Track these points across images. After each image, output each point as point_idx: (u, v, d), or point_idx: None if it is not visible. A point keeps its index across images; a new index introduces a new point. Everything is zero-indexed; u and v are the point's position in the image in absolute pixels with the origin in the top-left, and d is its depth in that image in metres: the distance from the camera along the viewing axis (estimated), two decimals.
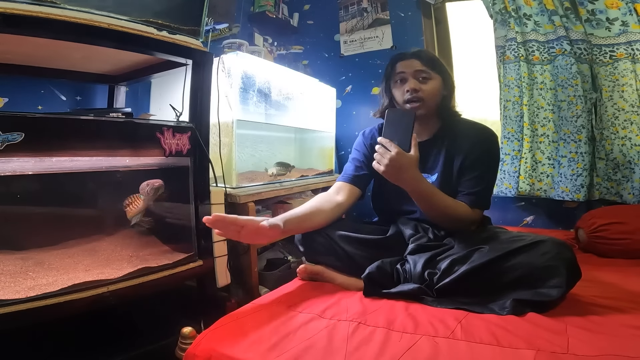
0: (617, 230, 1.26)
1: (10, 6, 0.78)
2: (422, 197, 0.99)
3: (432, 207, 1.00)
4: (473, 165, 1.05)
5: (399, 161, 0.93)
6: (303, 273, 1.10)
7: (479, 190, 1.04)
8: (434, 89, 1.08)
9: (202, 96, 1.15)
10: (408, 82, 1.08)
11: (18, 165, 0.84)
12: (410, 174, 0.95)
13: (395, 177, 0.96)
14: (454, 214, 1.01)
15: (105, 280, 0.94)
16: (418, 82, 1.07)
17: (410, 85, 1.07)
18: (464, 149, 1.07)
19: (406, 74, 1.08)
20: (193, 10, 1.12)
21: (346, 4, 2.24)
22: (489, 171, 1.08)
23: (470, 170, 1.05)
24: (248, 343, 0.75)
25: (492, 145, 1.10)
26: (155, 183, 1.10)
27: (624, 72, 1.53)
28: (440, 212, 1.01)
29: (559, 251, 0.84)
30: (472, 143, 1.07)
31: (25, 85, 1.31)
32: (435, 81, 1.08)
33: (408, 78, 1.08)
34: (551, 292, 0.81)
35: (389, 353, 0.69)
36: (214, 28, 1.52)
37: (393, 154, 0.93)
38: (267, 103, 1.63)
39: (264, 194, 1.48)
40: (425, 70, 1.07)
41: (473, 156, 1.06)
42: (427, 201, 1.00)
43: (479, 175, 1.05)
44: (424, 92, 1.07)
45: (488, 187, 1.08)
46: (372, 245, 1.05)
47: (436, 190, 1.00)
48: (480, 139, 1.09)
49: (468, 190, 1.04)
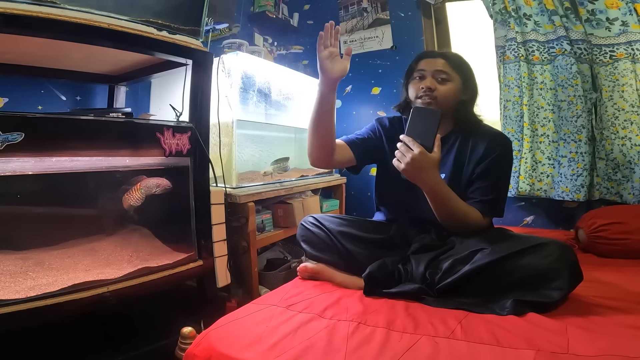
0: (617, 230, 1.26)
1: (10, 6, 0.78)
2: (438, 199, 0.98)
3: (446, 210, 0.99)
4: (487, 172, 1.03)
5: (420, 161, 0.91)
6: (303, 272, 1.10)
7: (492, 198, 1.02)
8: (450, 91, 1.06)
9: (202, 96, 1.15)
10: (426, 79, 1.06)
11: (18, 165, 0.84)
12: (431, 175, 0.94)
13: (414, 176, 0.94)
14: (466, 219, 0.99)
15: (105, 280, 0.94)
16: (436, 81, 1.06)
17: (426, 83, 1.05)
18: (477, 153, 1.05)
19: (426, 72, 1.07)
20: (193, 10, 1.12)
21: (346, 4, 2.24)
22: (503, 179, 1.07)
23: (484, 177, 1.03)
24: (248, 343, 0.75)
25: (508, 153, 1.08)
26: (159, 182, 1.10)
27: (624, 72, 1.52)
28: (453, 216, 0.99)
29: (562, 254, 0.84)
30: (487, 148, 1.05)
31: (25, 85, 1.31)
32: (453, 84, 1.06)
33: (427, 76, 1.07)
34: (552, 294, 0.81)
35: (389, 353, 0.69)
36: (214, 28, 1.52)
37: (416, 153, 0.91)
38: (267, 103, 1.63)
39: (263, 194, 1.48)
40: (447, 71, 1.06)
41: (487, 162, 1.03)
42: (442, 204, 0.98)
43: (493, 183, 1.03)
44: (438, 92, 1.05)
45: (502, 196, 1.06)
46: (374, 243, 1.05)
47: (453, 194, 0.98)
48: (496, 144, 1.06)
49: (481, 198, 1.02)
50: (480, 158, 1.04)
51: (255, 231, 1.41)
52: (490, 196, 1.02)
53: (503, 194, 1.07)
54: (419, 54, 1.14)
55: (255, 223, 1.42)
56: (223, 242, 1.20)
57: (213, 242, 1.16)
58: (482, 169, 1.04)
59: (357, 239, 1.04)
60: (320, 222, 1.11)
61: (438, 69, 1.06)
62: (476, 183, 1.04)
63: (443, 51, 1.11)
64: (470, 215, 1.00)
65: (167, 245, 1.15)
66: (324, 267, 1.08)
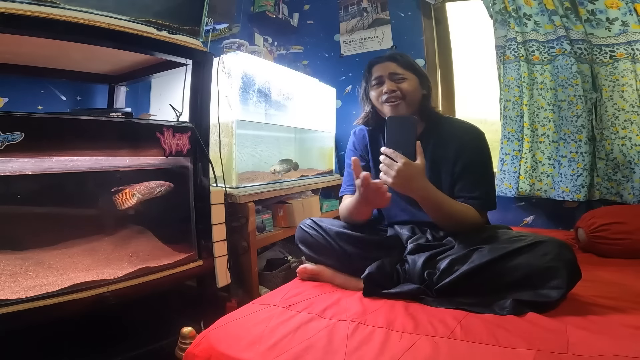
0: (617, 230, 1.26)
1: (10, 6, 0.78)
2: (432, 205, 0.98)
3: (443, 214, 0.99)
4: (469, 168, 1.04)
5: (407, 172, 0.91)
6: (303, 273, 1.10)
7: (483, 192, 1.03)
8: (412, 86, 1.08)
9: (202, 96, 1.15)
10: (385, 84, 1.08)
11: (18, 165, 0.84)
12: (420, 183, 0.94)
13: (404, 188, 0.94)
14: (464, 218, 1.00)
15: (105, 280, 0.94)
16: (395, 82, 1.07)
17: (388, 86, 1.07)
18: (453, 150, 1.06)
19: (383, 77, 1.09)
20: (193, 10, 1.12)
21: (346, 4, 2.24)
22: (487, 171, 1.08)
23: (468, 173, 1.04)
24: (248, 343, 0.75)
25: (483, 144, 1.09)
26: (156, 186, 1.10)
27: (624, 72, 1.53)
28: (451, 218, 0.99)
29: (560, 252, 0.84)
30: (462, 143, 1.06)
31: (25, 85, 1.31)
32: (411, 81, 1.08)
33: (385, 80, 1.08)
34: (551, 293, 0.81)
35: (388, 353, 0.69)
36: (214, 28, 1.52)
37: (400, 165, 0.91)
38: (267, 103, 1.63)
39: (264, 194, 1.48)
40: (399, 72, 1.08)
41: (466, 158, 1.05)
42: (437, 209, 0.98)
43: (479, 177, 1.04)
44: (402, 91, 1.06)
45: (491, 188, 1.07)
46: (372, 245, 1.05)
47: (446, 198, 0.99)
48: (469, 138, 1.07)
49: (472, 194, 1.03)
50: (457, 155, 1.05)
51: (255, 231, 1.41)
52: (479, 191, 1.03)
53: (491, 186, 1.08)
54: (368, 62, 1.15)
55: (255, 223, 1.42)
56: (223, 242, 1.20)
57: (213, 242, 1.16)
58: (462, 165, 1.04)
59: (354, 240, 1.05)
60: (318, 224, 1.11)
61: (392, 71, 1.08)
62: (461, 181, 1.04)
63: (390, 54, 1.12)
64: (467, 215, 1.00)
65: (167, 245, 1.15)
66: (324, 268, 1.08)
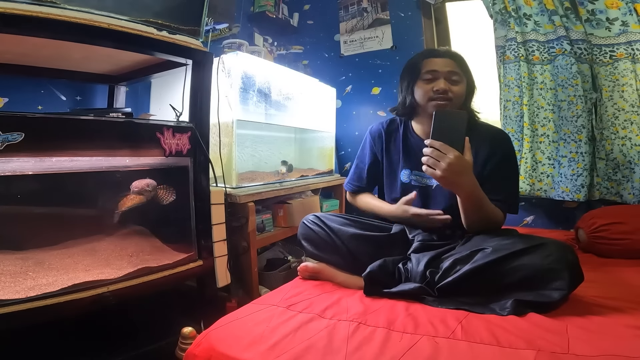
0: (617, 230, 1.26)
1: (10, 6, 0.78)
2: (474, 202, 0.96)
3: (480, 212, 0.97)
4: (498, 171, 1.04)
5: (458, 165, 0.88)
6: (304, 271, 1.10)
7: (509, 195, 1.03)
8: (462, 91, 1.07)
9: (202, 96, 1.15)
10: (439, 81, 1.05)
11: (18, 165, 0.84)
12: (469, 178, 0.92)
13: (451, 182, 0.91)
14: (495, 220, 1.00)
15: (105, 280, 0.94)
16: (449, 83, 1.05)
17: (441, 85, 1.04)
18: (483, 153, 1.05)
19: (439, 73, 1.06)
20: (193, 10, 1.12)
21: (346, 4, 2.24)
22: (513, 176, 1.08)
23: (495, 176, 1.03)
24: (248, 343, 0.74)
25: (512, 149, 1.09)
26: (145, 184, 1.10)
27: (624, 72, 1.52)
28: (485, 218, 0.98)
29: (563, 254, 0.84)
30: (492, 146, 1.05)
31: (25, 85, 1.31)
32: (463, 85, 1.07)
33: (440, 77, 1.05)
34: (553, 295, 0.81)
35: (389, 353, 0.69)
36: (214, 28, 1.52)
37: (452, 157, 0.87)
38: (267, 103, 1.63)
39: (264, 194, 1.47)
40: (458, 72, 1.06)
41: (496, 160, 1.04)
42: (477, 207, 0.96)
43: (506, 181, 1.04)
44: (453, 94, 1.05)
45: (516, 192, 1.08)
46: (376, 242, 1.05)
47: (486, 197, 0.97)
48: (499, 142, 1.07)
49: (499, 197, 1.01)
50: (487, 158, 1.05)
51: (255, 231, 1.41)
52: (506, 194, 1.03)
53: (516, 191, 1.09)
54: (422, 53, 1.13)
55: (255, 223, 1.42)
56: (223, 242, 1.20)
57: (213, 242, 1.16)
58: (491, 168, 1.04)
59: (359, 237, 1.04)
60: (322, 220, 1.11)
61: (451, 69, 1.05)
62: (488, 183, 1.02)
63: (448, 50, 1.10)
64: (496, 216, 1.00)
65: (167, 245, 1.15)
66: (325, 266, 1.08)
